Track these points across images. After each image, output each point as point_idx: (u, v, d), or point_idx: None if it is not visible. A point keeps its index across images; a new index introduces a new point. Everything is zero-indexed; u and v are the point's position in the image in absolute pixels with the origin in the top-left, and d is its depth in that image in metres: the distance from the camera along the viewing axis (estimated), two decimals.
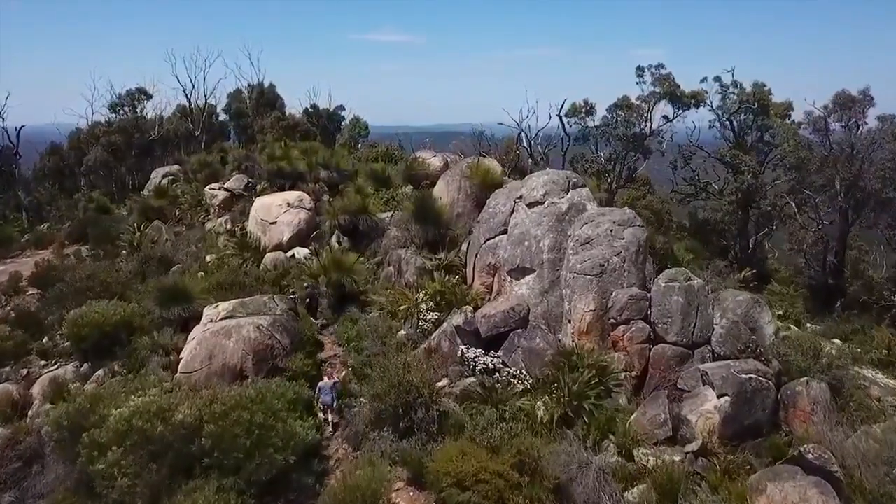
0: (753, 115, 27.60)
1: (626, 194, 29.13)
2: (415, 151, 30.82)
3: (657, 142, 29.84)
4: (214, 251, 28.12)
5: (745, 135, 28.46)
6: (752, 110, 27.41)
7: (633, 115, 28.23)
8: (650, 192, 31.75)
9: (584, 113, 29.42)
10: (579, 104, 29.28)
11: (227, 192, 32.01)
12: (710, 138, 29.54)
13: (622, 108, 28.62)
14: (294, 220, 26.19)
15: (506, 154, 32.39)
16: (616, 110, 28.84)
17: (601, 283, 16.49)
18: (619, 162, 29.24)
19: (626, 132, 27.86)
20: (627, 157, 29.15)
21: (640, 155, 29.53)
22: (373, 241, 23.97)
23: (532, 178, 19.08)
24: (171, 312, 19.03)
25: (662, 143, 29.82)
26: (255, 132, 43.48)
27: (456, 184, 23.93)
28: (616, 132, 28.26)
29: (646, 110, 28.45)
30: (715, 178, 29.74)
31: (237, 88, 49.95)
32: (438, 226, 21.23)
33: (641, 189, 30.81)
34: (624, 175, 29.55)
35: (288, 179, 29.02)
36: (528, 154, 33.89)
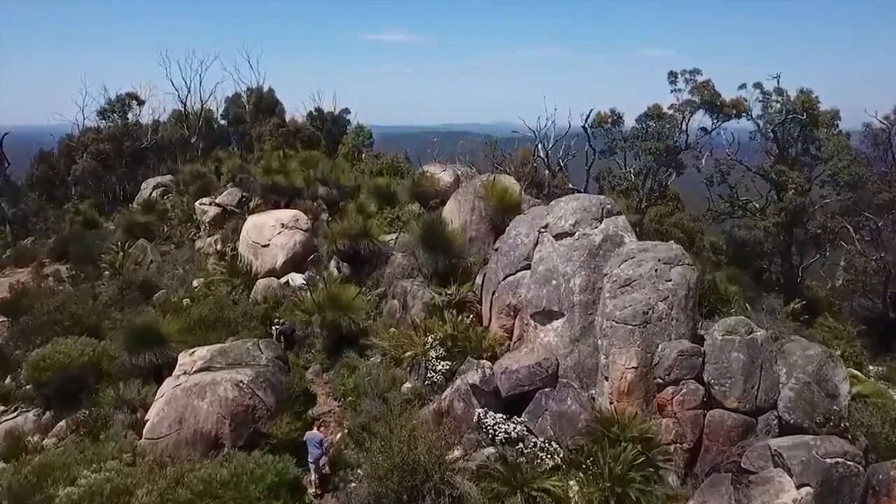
0: (800, 126, 24.83)
1: (654, 211, 26.42)
2: (422, 162, 28.23)
3: (693, 156, 27.06)
4: (203, 275, 25.67)
5: (788, 147, 25.68)
6: (799, 121, 24.61)
7: (666, 125, 25.53)
8: (679, 208, 29.03)
9: (611, 123, 26.72)
10: (605, 113, 26.58)
11: (218, 207, 29.54)
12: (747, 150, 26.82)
13: (653, 118, 25.94)
14: (289, 242, 23.64)
15: (521, 166, 29.78)
16: (646, 121, 26.14)
17: (645, 334, 13.83)
18: (650, 177, 26.52)
19: (658, 146, 25.14)
20: (659, 173, 26.47)
21: (673, 170, 26.77)
22: (375, 269, 21.39)
23: (559, 205, 16.42)
24: (142, 359, 16.48)
25: (700, 157, 26.99)
26: (252, 140, 41.01)
27: (469, 204, 21.28)
28: (646, 145, 25.57)
29: (680, 120, 25.70)
30: (756, 196, 26.94)
31: (236, 92, 47.57)
32: (449, 254, 18.61)
33: (669, 204, 28.10)
34: (654, 192, 26.82)
35: (283, 196, 26.50)
36: (546, 165, 31.26)
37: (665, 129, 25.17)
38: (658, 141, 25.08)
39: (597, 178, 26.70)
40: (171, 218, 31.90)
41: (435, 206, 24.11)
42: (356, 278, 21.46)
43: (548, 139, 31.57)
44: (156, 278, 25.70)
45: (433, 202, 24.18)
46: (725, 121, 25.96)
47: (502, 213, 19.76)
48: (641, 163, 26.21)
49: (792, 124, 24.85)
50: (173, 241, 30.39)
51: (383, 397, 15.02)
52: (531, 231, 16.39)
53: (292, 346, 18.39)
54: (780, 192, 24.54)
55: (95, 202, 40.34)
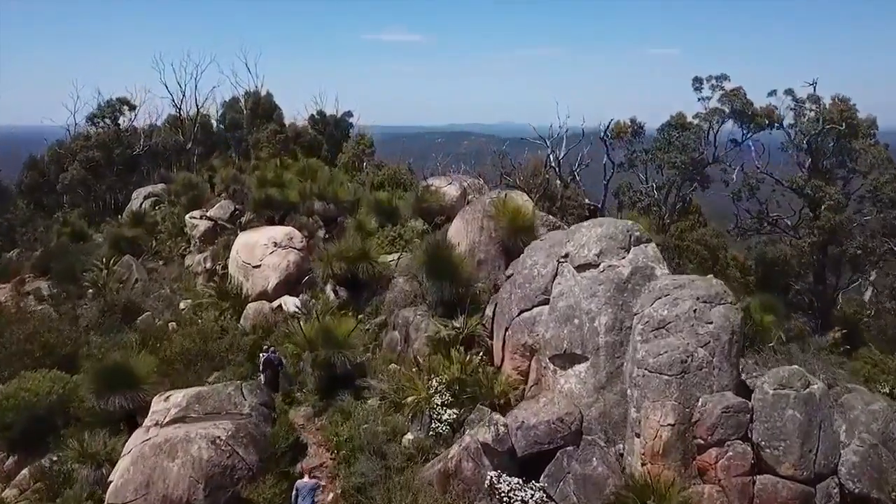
0: (837, 137, 22.92)
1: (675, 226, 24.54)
2: (426, 172, 26.38)
3: (721, 169, 25.10)
4: (190, 296, 23.91)
5: (822, 159, 23.77)
6: (837, 131, 22.68)
7: (692, 136, 23.62)
8: (700, 222, 27.13)
9: (631, 134, 24.84)
10: (624, 123, 24.69)
11: (209, 221, 27.77)
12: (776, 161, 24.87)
13: (677, 128, 24.02)
14: (282, 262, 21.84)
15: (532, 177, 27.95)
16: (669, 131, 24.24)
17: (683, 385, 11.98)
18: (673, 192, 24.61)
19: (683, 159, 23.23)
20: (683, 187, 24.56)
21: (698, 184, 24.85)
22: (375, 294, 19.57)
23: (581, 231, 14.57)
24: (112, 403, 14.69)
25: (729, 170, 24.99)
26: (249, 147, 39.27)
27: (477, 223, 19.42)
28: (669, 157, 23.68)
29: (705, 130, 23.76)
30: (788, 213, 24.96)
31: (233, 96, 45.89)
32: (456, 282, 16.76)
33: (690, 218, 26.20)
34: (677, 208, 24.91)
35: (278, 210, 24.71)
36: (557, 175, 29.43)
37: (690, 141, 23.25)
38: (683, 153, 23.18)
39: (616, 194, 24.83)
40: (160, 231, 30.15)
41: (440, 223, 22.30)
42: (354, 304, 19.66)
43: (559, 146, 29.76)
44: (140, 300, 23.92)
45: (438, 219, 22.36)
46: (757, 132, 24.04)
47: (514, 235, 17.90)
48: (664, 177, 24.31)
49: (828, 135, 22.91)
50: (162, 255, 28.64)
51: (381, 452, 13.20)
52: (549, 261, 14.54)
53: (277, 379, 16.57)
54: (815, 208, 22.66)
55: (86, 212, 38.72)
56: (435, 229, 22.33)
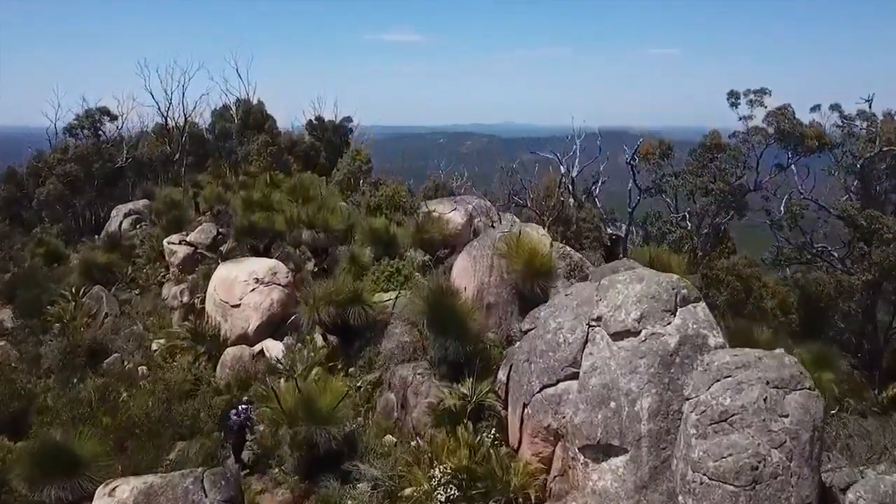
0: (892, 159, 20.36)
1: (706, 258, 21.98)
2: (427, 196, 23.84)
3: (762, 197, 22.48)
4: (164, 335, 21.38)
5: (875, 184, 21.23)
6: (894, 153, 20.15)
7: (729, 160, 21.03)
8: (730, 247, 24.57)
9: (659, 156, 22.28)
10: (651, 144, 22.11)
11: (189, 246, 25.23)
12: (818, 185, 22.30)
13: (710, 150, 21.45)
14: (264, 301, 19.33)
15: (545, 198, 25.42)
16: (703, 153, 21.67)
17: (754, 499, 9.43)
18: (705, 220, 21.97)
19: (721, 187, 20.64)
20: (718, 216, 21.95)
21: (735, 213, 22.24)
22: (368, 343, 17.03)
23: (616, 288, 12.01)
24: (48, 495, 12.15)
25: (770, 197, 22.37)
26: (238, 160, 36.78)
27: (486, 261, 16.93)
28: (702, 182, 21.12)
29: (744, 153, 21.16)
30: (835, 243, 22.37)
31: (224, 104, 43.45)
32: (463, 339, 14.23)
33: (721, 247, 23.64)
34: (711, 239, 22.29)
35: (262, 239, 22.18)
36: (570, 194, 26.90)
37: (728, 165, 20.69)
38: (720, 179, 20.62)
39: (642, 224, 22.22)
40: (138, 255, 27.62)
41: (443, 256, 19.80)
42: (344, 355, 17.17)
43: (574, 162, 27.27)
44: (108, 338, 21.43)
45: (441, 252, 19.86)
46: (805, 155, 21.43)
47: (530, 280, 15.41)
48: (697, 205, 21.73)
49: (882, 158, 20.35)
50: (139, 283, 26.11)
51: None
52: (577, 324, 11.98)
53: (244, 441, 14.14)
54: (870, 241, 20.12)
55: (65, 228, 36.28)
56: (437, 263, 19.84)
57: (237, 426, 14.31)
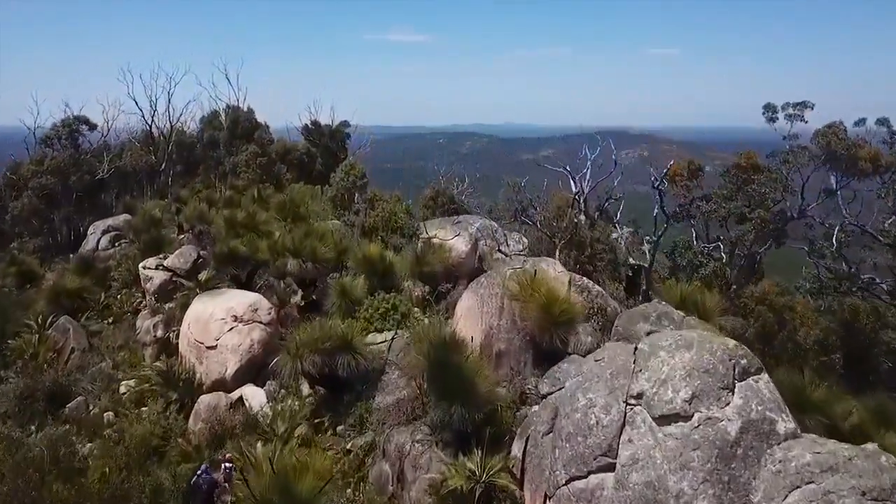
0: None
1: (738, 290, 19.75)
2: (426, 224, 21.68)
3: (805, 225, 20.11)
4: (135, 375, 19.23)
5: None
6: None
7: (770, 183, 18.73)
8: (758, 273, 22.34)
9: (688, 177, 20.03)
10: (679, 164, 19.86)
11: (167, 272, 23.01)
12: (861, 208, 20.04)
13: (745, 171, 19.16)
14: (243, 342, 17.16)
15: (556, 219, 23.24)
16: (736, 174, 19.38)
17: None
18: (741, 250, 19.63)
19: (762, 215, 18.35)
20: (755, 245, 19.63)
21: (772, 241, 19.92)
22: (360, 396, 14.85)
23: (659, 356, 9.82)
24: None
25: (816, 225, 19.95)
26: (227, 172, 34.59)
27: (495, 302, 14.79)
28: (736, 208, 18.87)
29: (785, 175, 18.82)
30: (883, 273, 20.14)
31: (213, 110, 41.27)
32: (470, 403, 12.05)
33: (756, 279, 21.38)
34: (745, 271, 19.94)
35: (244, 267, 19.99)
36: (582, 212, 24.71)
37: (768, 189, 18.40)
38: (760, 207, 18.35)
39: (671, 253, 19.93)
40: (114, 279, 25.44)
41: (445, 291, 17.62)
42: (332, 409, 14.98)
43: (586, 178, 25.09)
44: (73, 378, 19.27)
45: (443, 286, 17.68)
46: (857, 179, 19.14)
47: (549, 329, 13.23)
48: (732, 232, 19.43)
49: None
50: (113, 311, 23.93)
51: None
52: (612, 401, 9.77)
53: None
54: None
55: (43, 244, 34.09)
56: (439, 298, 17.68)
57: (206, 488, 12.26)
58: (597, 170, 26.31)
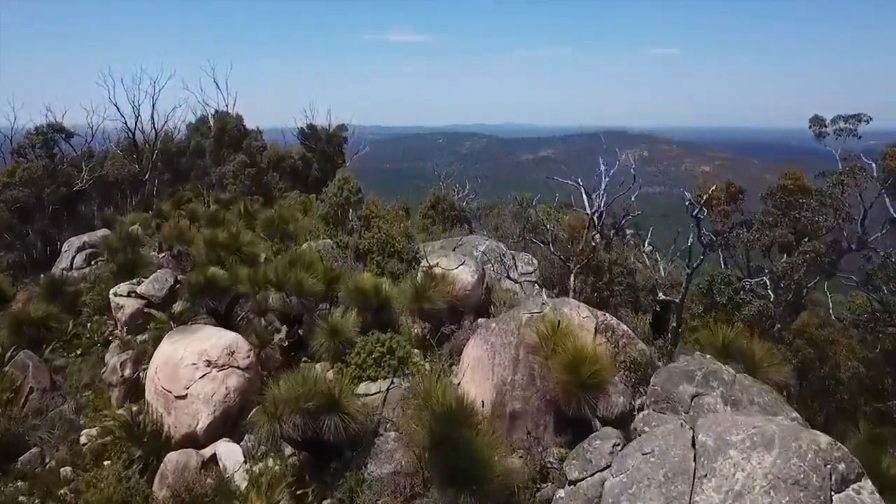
0: None
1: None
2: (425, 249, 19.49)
3: (863, 257, 17.78)
4: (98, 422, 17.04)
5: None
6: None
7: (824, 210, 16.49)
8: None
9: (725, 201, 17.76)
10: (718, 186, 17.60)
11: (140, 300, 20.81)
12: None
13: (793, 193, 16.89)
14: (217, 391, 14.95)
15: (571, 240, 21.07)
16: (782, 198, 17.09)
17: None
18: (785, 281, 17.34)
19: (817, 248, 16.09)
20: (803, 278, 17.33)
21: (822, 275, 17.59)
22: (349, 465, 12.65)
23: (729, 456, 7.64)
24: None
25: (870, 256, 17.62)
26: (213, 183, 32.39)
27: (509, 352, 12.64)
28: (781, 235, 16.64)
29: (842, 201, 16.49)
30: None
31: (201, 116, 39.09)
32: (482, 493, 9.86)
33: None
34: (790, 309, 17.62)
35: (222, 300, 17.77)
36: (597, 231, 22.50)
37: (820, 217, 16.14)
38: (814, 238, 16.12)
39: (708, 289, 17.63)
40: (84, 304, 23.19)
41: (447, 333, 15.42)
42: (317, 479, 12.78)
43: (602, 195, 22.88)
44: (29, 425, 17.05)
45: (447, 327, 15.47)
46: None
47: (576, 394, 11.04)
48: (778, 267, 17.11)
49: None
50: (82, 341, 21.69)
51: None
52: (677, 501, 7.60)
53: None
54: None
55: (17, 260, 31.92)
56: (441, 340, 15.49)
57: None
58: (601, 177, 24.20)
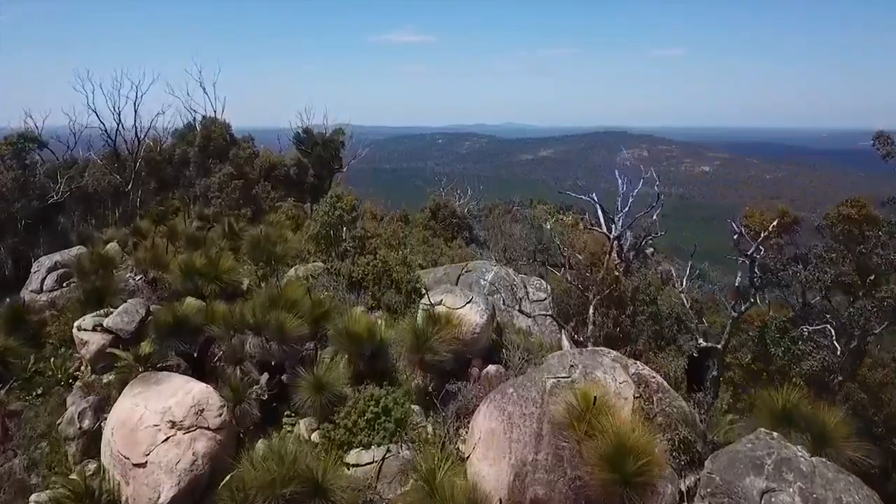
0: None
1: None
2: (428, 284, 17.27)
3: None
4: (52, 483, 14.81)
5: None
6: None
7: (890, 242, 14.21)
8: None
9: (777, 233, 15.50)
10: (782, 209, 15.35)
11: (107, 334, 18.54)
12: None
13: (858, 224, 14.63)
14: (182, 458, 12.70)
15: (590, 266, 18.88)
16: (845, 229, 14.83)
17: None
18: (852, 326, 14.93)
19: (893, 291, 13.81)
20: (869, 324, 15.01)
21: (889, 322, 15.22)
22: None
23: None
24: None
25: None
26: (197, 196, 30.12)
27: (530, 426, 10.43)
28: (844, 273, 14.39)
29: None
30: None
31: (188, 123, 36.84)
32: None
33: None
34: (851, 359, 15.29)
35: (193, 342, 15.50)
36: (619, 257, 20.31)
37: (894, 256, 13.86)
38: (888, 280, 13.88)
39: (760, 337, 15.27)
40: (50, 334, 20.94)
41: (455, 391, 13.18)
42: None
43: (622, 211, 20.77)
44: None
45: (453, 384, 13.23)
46: None
47: (618, 490, 8.82)
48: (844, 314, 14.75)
49: None
50: (45, 378, 19.45)
51: None
52: None
53: None
54: None
55: None
56: (446, 398, 13.24)
57: None
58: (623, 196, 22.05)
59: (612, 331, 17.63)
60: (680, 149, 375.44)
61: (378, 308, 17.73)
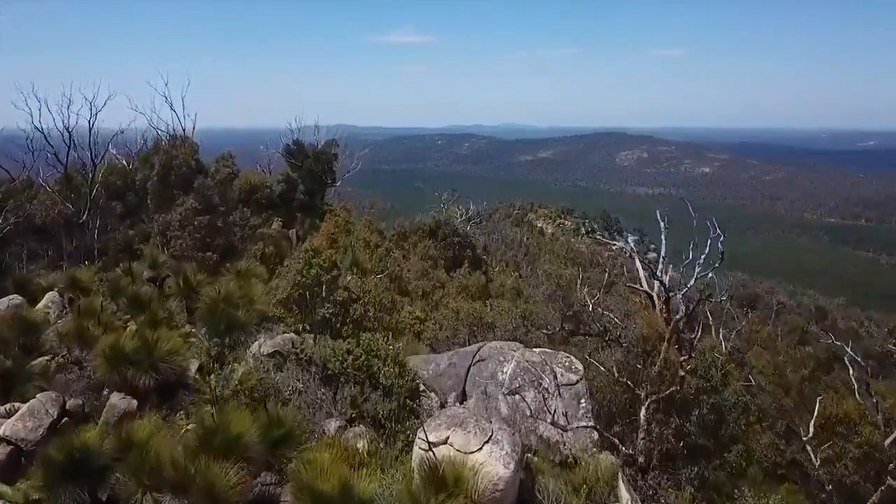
0: None
1: None
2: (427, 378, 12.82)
3: None
4: None
5: None
6: None
7: None
8: None
9: None
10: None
11: (7, 445, 14.05)
12: None
13: None
14: None
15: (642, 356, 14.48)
16: None
17: None
18: None
19: None
20: None
21: None
22: None
23: None
24: None
25: None
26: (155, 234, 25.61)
27: None
28: None
29: None
30: None
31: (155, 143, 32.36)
32: None
33: None
34: None
35: (99, 487, 10.97)
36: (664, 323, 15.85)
37: None
38: None
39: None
40: None
41: None
42: None
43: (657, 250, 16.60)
44: None
45: None
46: None
47: None
48: None
49: None
50: None
51: None
52: None
53: None
54: None
55: None
56: None
57: None
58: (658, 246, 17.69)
59: (673, 446, 13.20)
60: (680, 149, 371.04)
61: (361, 417, 13.28)
